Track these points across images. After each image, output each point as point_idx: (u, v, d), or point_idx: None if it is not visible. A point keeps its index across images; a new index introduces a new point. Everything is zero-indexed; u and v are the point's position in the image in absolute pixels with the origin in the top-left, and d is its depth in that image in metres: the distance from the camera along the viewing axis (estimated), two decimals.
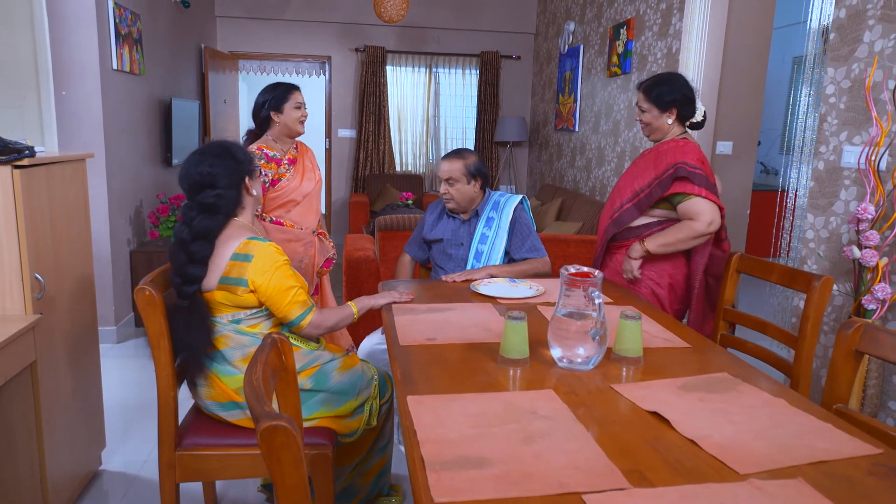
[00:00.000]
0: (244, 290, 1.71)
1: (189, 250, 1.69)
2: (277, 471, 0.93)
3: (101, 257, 3.56)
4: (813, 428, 1.24)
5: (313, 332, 1.84)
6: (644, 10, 4.43)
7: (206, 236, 1.70)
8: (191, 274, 1.68)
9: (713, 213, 2.21)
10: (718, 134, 4.28)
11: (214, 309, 1.74)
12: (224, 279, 1.70)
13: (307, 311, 1.79)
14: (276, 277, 1.71)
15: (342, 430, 1.88)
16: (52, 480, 1.97)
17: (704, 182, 2.22)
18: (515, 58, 7.01)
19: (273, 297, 1.72)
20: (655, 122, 2.33)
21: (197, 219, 1.70)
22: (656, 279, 2.33)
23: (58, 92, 3.36)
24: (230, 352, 1.75)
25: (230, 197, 1.75)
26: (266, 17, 6.44)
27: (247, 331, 1.76)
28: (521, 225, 2.56)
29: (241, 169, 1.79)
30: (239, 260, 1.70)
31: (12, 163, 1.74)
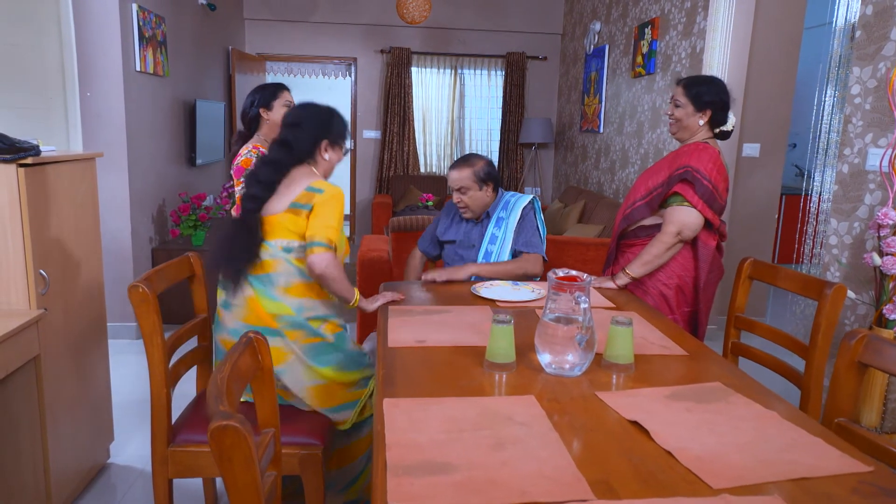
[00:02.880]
0: (307, 213, 1.87)
1: (256, 173, 1.91)
2: (228, 471, 0.93)
3: (122, 255, 3.65)
4: (802, 442, 1.18)
5: (317, 266, 1.82)
6: (669, 9, 4.34)
7: (273, 164, 1.91)
8: (252, 192, 1.88)
9: (683, 225, 2.19)
10: (745, 136, 4.17)
11: (272, 232, 1.87)
12: (294, 203, 1.87)
13: (327, 244, 1.84)
14: (330, 207, 1.87)
15: (338, 400, 1.93)
16: (56, 472, 2.01)
17: (707, 195, 2.17)
18: (542, 58, 6.95)
19: (315, 217, 1.86)
20: (687, 119, 2.26)
21: (273, 149, 1.95)
22: (665, 280, 2.28)
23: (82, 93, 3.46)
24: (277, 276, 1.87)
25: (304, 144, 1.95)
26: (293, 19, 6.52)
27: (295, 262, 1.89)
28: (526, 222, 2.52)
29: (327, 130, 1.99)
30: (311, 191, 1.89)
31: (17, 161, 1.79)
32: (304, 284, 1.90)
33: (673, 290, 2.28)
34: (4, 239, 1.83)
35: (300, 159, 1.96)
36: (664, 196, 2.25)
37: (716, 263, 2.31)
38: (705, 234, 2.26)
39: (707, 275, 2.28)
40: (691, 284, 2.29)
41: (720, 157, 2.23)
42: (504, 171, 7.10)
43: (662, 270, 2.28)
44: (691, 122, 2.26)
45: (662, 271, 2.28)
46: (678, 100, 2.28)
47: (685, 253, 2.28)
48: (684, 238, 2.21)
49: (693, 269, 2.29)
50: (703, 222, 2.21)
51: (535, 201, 2.59)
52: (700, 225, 2.21)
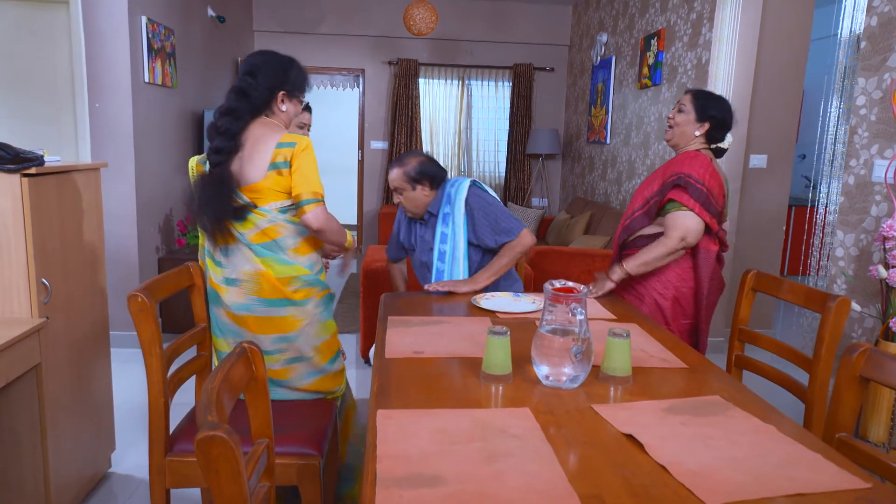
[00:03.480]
0: (289, 170, 1.88)
1: (217, 125, 1.89)
2: (215, 482, 0.92)
3: (128, 264, 3.67)
4: (799, 457, 1.16)
5: (312, 223, 1.87)
6: (675, 20, 4.34)
7: (231, 113, 1.89)
8: (217, 145, 1.87)
9: (687, 230, 2.19)
10: (752, 147, 4.15)
11: (262, 199, 1.89)
12: (272, 165, 1.87)
13: (315, 199, 1.88)
14: (306, 160, 1.89)
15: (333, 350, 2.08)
16: (56, 481, 2.02)
17: (702, 197, 2.18)
18: (549, 70, 6.97)
19: (296, 173, 1.88)
20: (686, 125, 2.29)
21: (229, 98, 1.92)
22: (661, 290, 2.28)
23: (92, 104, 3.50)
24: (283, 240, 1.92)
25: (261, 92, 1.92)
26: (302, 31, 6.58)
27: (293, 220, 1.93)
28: (477, 210, 2.40)
29: (284, 80, 1.97)
30: (283, 147, 1.88)
31: (21, 171, 1.81)
32: (308, 240, 1.98)
33: (669, 300, 2.27)
34: (7, 248, 1.85)
35: (257, 109, 1.93)
36: (660, 204, 2.26)
37: (716, 274, 2.30)
38: (706, 239, 2.25)
39: (708, 284, 2.27)
40: (690, 296, 2.28)
41: (713, 163, 2.25)
42: (511, 182, 7.10)
43: (658, 279, 2.28)
44: (689, 129, 2.29)
45: (658, 280, 2.28)
46: (684, 105, 2.31)
47: (684, 263, 2.27)
48: (688, 244, 2.21)
49: (692, 279, 2.28)
50: (704, 226, 2.21)
51: (476, 185, 2.48)
52: (702, 229, 2.21)
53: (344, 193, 8.25)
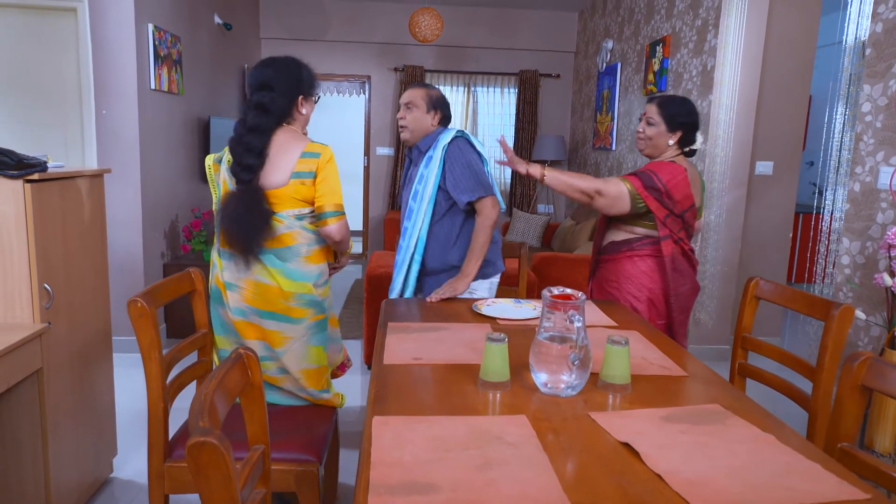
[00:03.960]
0: (311, 181, 1.94)
1: (244, 141, 1.91)
2: (205, 488, 0.92)
3: (134, 270, 3.69)
4: (798, 468, 1.15)
5: (334, 235, 1.97)
6: (680, 27, 4.34)
7: (257, 129, 1.91)
8: (247, 163, 1.89)
9: (607, 192, 2.21)
10: (758, 153, 4.13)
11: (280, 204, 1.93)
12: (295, 173, 1.92)
13: (338, 213, 1.96)
14: (331, 171, 1.96)
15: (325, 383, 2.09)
16: (57, 486, 2.02)
17: (653, 189, 2.21)
18: (555, 76, 6.97)
19: (321, 184, 1.94)
20: (658, 138, 2.31)
21: (251, 115, 1.93)
22: (635, 293, 2.32)
23: (98, 111, 3.53)
24: (299, 246, 1.96)
25: (282, 103, 1.96)
26: (308, 38, 6.62)
27: (310, 227, 1.98)
28: (452, 160, 2.37)
29: (300, 85, 2.00)
30: (307, 157, 1.93)
31: (24, 177, 1.82)
32: (322, 249, 2.04)
33: (644, 303, 2.31)
34: (10, 253, 1.86)
35: (280, 120, 1.97)
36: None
37: (685, 274, 2.33)
38: (665, 245, 2.28)
39: (674, 284, 2.30)
40: (661, 297, 2.32)
41: (685, 175, 2.25)
42: (517, 189, 7.10)
43: (631, 283, 2.33)
44: (662, 140, 2.31)
45: (632, 284, 2.32)
46: (651, 118, 2.32)
47: (651, 265, 2.31)
48: (598, 203, 2.22)
49: (660, 279, 2.31)
50: (625, 207, 2.22)
51: (464, 137, 2.43)
52: (619, 206, 2.22)
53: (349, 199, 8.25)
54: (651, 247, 2.33)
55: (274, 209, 1.92)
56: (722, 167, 3.92)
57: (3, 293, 1.89)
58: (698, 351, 4.07)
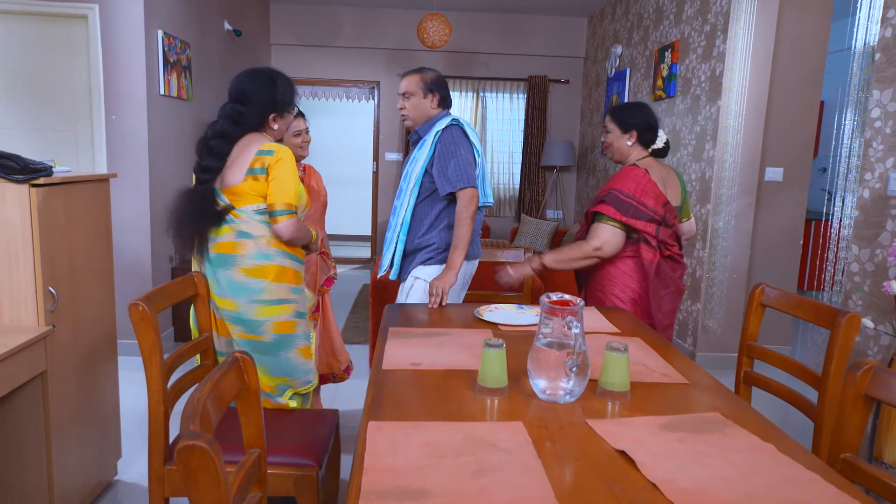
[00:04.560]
0: (265, 177, 2.02)
1: (208, 145, 2.03)
2: (195, 492, 0.92)
3: (142, 273, 3.72)
4: (796, 478, 1.13)
5: (283, 233, 2.03)
6: (689, 32, 4.32)
7: (223, 136, 2.03)
8: (206, 164, 2.01)
9: (604, 241, 2.32)
10: (767, 159, 4.09)
11: (240, 201, 2.02)
12: (250, 170, 2.01)
13: (288, 211, 2.02)
14: (283, 170, 2.01)
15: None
16: (60, 488, 2.03)
17: (630, 210, 2.30)
18: (564, 82, 6.96)
19: (272, 182, 2.01)
20: (616, 142, 2.44)
21: (220, 122, 2.04)
22: (619, 294, 2.40)
23: (108, 116, 3.57)
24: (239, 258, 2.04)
25: (252, 117, 2.06)
26: (318, 44, 6.66)
27: (269, 221, 2.05)
28: (442, 147, 2.38)
29: (274, 104, 2.09)
30: (262, 154, 2.01)
31: (30, 181, 1.84)
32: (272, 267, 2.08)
33: (629, 303, 2.39)
34: (16, 256, 1.88)
35: (249, 131, 2.07)
36: (590, 217, 2.42)
37: (667, 279, 2.40)
38: (646, 249, 2.35)
39: (656, 288, 2.37)
40: (645, 297, 2.39)
41: (647, 175, 2.35)
42: (526, 195, 7.08)
43: (615, 285, 2.41)
44: (620, 144, 2.43)
45: (615, 286, 2.41)
46: (607, 126, 2.46)
47: (630, 266, 2.38)
48: (603, 254, 2.33)
49: (641, 280, 2.39)
50: (623, 240, 2.33)
51: (459, 126, 2.42)
52: (621, 241, 2.33)
53: (359, 204, 8.30)
54: (630, 247, 2.39)
55: (234, 205, 2.03)
56: (731, 173, 3.89)
57: (8, 296, 1.91)
58: (706, 358, 4.03)
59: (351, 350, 4.03)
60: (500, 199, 7.18)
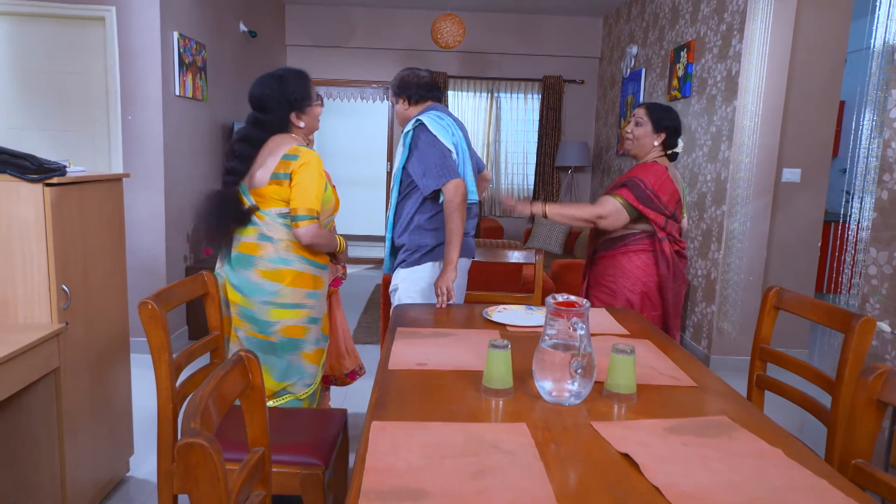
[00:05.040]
0: (288, 182, 2.07)
1: (233, 149, 2.11)
2: (194, 489, 0.93)
3: (156, 272, 3.76)
4: (803, 483, 1.11)
5: (303, 238, 2.08)
6: (705, 31, 4.28)
7: (248, 140, 2.11)
8: (231, 167, 2.09)
9: (608, 213, 2.43)
10: (784, 160, 4.04)
11: (265, 203, 2.10)
12: (274, 175, 2.07)
13: (309, 216, 2.07)
14: (307, 175, 2.06)
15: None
16: (73, 483, 2.06)
17: (644, 197, 2.42)
18: (579, 82, 6.93)
19: (295, 186, 2.06)
20: (644, 137, 2.52)
21: (247, 127, 2.14)
22: (630, 287, 2.50)
23: (124, 117, 3.61)
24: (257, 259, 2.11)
25: (275, 120, 2.13)
26: (333, 45, 6.70)
27: (292, 224, 2.11)
28: (414, 149, 2.41)
29: (291, 105, 2.15)
30: (287, 159, 2.07)
31: (44, 181, 1.87)
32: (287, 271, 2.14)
33: (638, 295, 2.49)
34: (30, 255, 1.91)
35: (274, 133, 2.14)
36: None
37: (678, 270, 2.52)
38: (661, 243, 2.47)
39: (669, 279, 2.48)
40: (655, 289, 2.50)
41: (667, 173, 2.47)
42: (540, 195, 7.06)
43: (626, 278, 2.51)
44: (647, 141, 2.52)
45: (626, 279, 2.50)
46: (640, 118, 2.53)
47: (648, 261, 2.49)
48: (603, 224, 2.45)
49: (655, 275, 2.50)
50: (625, 222, 2.45)
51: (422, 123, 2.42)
52: (622, 223, 2.44)
53: (372, 205, 8.32)
54: (646, 241, 2.49)
55: (259, 206, 2.11)
56: (746, 174, 3.85)
57: (23, 294, 1.94)
58: (720, 362, 3.99)
59: (362, 350, 4.04)
60: None
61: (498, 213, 7.15)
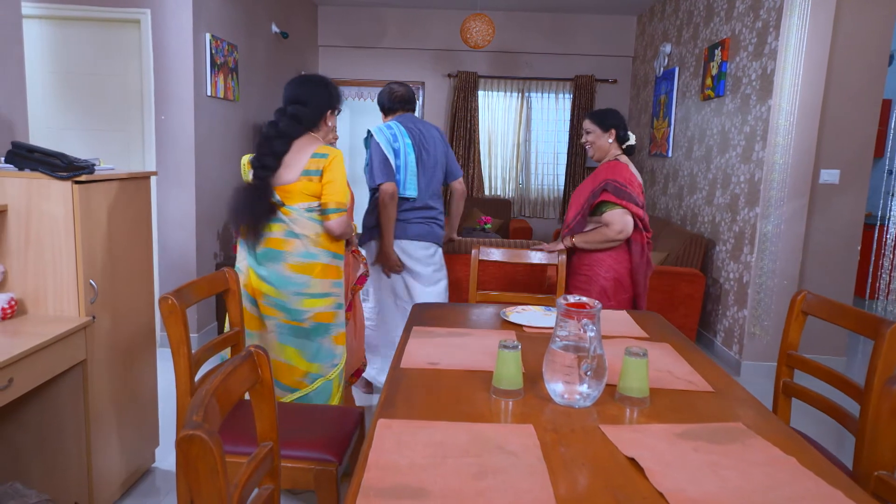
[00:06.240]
0: (318, 178, 2.21)
1: (271, 144, 2.20)
2: (194, 481, 0.94)
3: (187, 269, 3.84)
4: (816, 493, 1.08)
5: (334, 230, 2.23)
6: (740, 29, 4.17)
7: (285, 136, 2.22)
8: (266, 163, 2.19)
9: (624, 225, 2.66)
10: (822, 161, 3.91)
11: (292, 198, 2.21)
12: (305, 171, 2.20)
13: (340, 209, 2.23)
14: (337, 171, 2.22)
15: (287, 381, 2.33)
16: (99, 472, 2.12)
17: (627, 196, 2.67)
18: (611, 81, 6.83)
19: (326, 184, 2.21)
20: (598, 140, 2.80)
21: (284, 122, 2.23)
22: (604, 274, 2.75)
23: (157, 117, 3.70)
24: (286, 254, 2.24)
25: (312, 116, 2.27)
26: (365, 45, 6.75)
27: (318, 218, 2.25)
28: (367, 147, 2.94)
29: (330, 100, 2.33)
30: (317, 157, 2.21)
31: (73, 178, 1.93)
32: (317, 265, 2.28)
33: (611, 281, 2.74)
34: (59, 250, 1.98)
35: (308, 130, 2.28)
36: (592, 206, 2.73)
37: (645, 257, 2.76)
38: (635, 231, 2.72)
39: (642, 265, 2.74)
40: (626, 276, 2.75)
41: (629, 167, 2.74)
42: (569, 196, 6.98)
43: (600, 266, 2.76)
44: (602, 142, 2.80)
45: (600, 266, 2.75)
46: (588, 128, 2.84)
47: (620, 249, 2.73)
48: (625, 236, 2.68)
49: (627, 262, 2.75)
50: (632, 223, 2.67)
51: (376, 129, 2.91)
52: (633, 224, 2.68)
53: None
54: None
55: (285, 202, 2.22)
56: (781, 175, 3.74)
57: (52, 288, 2.00)
58: (752, 367, 3.88)
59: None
60: (544, 201, 7.10)
61: (527, 213, 7.11)
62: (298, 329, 2.29)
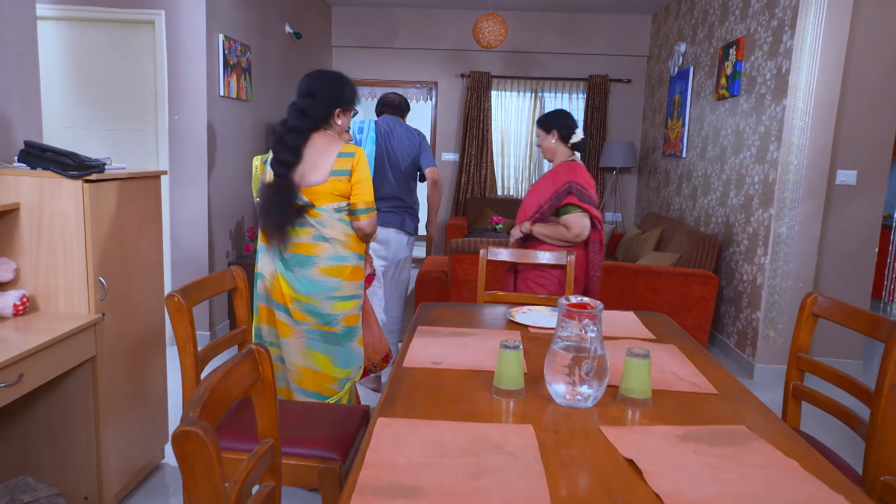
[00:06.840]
0: (347, 178, 2.20)
1: (283, 140, 2.17)
2: (189, 477, 0.95)
3: (199, 268, 3.88)
4: (818, 498, 1.06)
5: (366, 229, 2.25)
6: (755, 28, 4.13)
7: (295, 130, 2.19)
8: (283, 159, 2.16)
9: (582, 228, 2.74)
10: (839, 161, 3.86)
11: (321, 199, 2.19)
12: (334, 172, 2.18)
13: (370, 209, 2.24)
14: (364, 171, 2.22)
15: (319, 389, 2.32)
16: (109, 467, 2.15)
17: (588, 199, 2.76)
18: (626, 81, 6.79)
19: (356, 184, 2.21)
20: (544, 142, 2.89)
21: (292, 117, 2.21)
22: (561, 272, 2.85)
23: (171, 117, 3.74)
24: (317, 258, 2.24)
25: (320, 110, 2.23)
26: (377, 45, 6.77)
27: (347, 218, 2.26)
28: None
29: (341, 98, 2.27)
30: (344, 157, 2.20)
31: (83, 177, 1.96)
32: (345, 267, 2.28)
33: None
34: (70, 248, 2.00)
35: (317, 125, 2.24)
36: (555, 208, 2.78)
37: (602, 253, 2.89)
38: (593, 231, 2.82)
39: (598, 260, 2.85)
40: (583, 270, 2.85)
41: (584, 168, 2.85)
42: None
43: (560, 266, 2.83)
44: (549, 144, 2.87)
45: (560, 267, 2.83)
46: (536, 135, 2.94)
47: (578, 251, 2.81)
48: (580, 239, 2.77)
49: (583, 258, 2.84)
50: (590, 224, 2.77)
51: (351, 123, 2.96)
52: (589, 226, 2.78)
53: None
54: None
55: (314, 203, 2.19)
56: (796, 176, 3.69)
57: (63, 285, 2.03)
58: (766, 370, 3.84)
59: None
60: None
61: None
62: (329, 335, 2.28)
